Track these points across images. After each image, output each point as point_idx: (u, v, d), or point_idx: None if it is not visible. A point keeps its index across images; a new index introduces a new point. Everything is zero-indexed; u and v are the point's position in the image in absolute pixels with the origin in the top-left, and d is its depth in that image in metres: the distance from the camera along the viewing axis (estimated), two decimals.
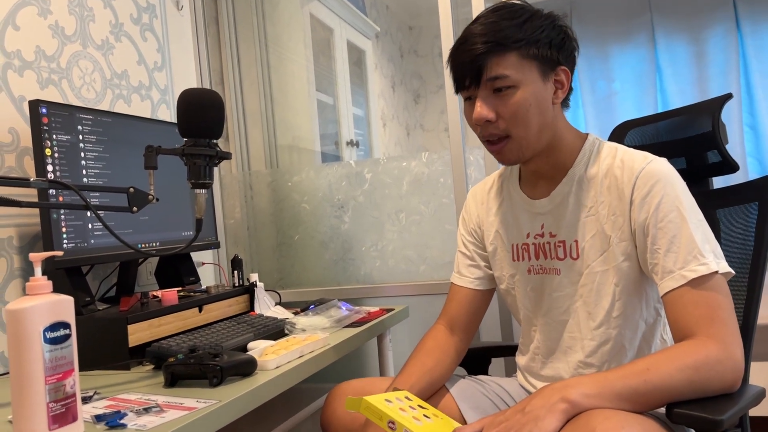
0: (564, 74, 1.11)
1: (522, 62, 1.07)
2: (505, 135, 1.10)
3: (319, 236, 2.14)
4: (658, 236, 1.03)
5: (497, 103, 1.08)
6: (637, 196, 1.06)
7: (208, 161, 1.14)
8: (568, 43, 1.12)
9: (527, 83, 1.07)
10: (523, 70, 1.07)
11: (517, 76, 1.07)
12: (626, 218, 1.08)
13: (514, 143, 1.10)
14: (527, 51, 1.07)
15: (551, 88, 1.11)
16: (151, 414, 0.93)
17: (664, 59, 3.81)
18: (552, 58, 1.09)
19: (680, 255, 1.01)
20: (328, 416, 1.24)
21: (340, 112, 3.07)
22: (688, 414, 0.88)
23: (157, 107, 1.96)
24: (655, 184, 1.05)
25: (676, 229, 1.02)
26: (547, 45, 1.08)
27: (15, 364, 0.84)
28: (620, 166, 1.10)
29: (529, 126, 1.09)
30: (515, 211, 1.24)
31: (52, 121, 1.36)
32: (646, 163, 1.07)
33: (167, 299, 1.42)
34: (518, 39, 1.06)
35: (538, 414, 0.88)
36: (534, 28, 1.08)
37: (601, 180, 1.12)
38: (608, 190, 1.11)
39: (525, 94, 1.07)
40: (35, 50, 1.54)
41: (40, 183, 1.03)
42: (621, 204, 1.09)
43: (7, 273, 1.41)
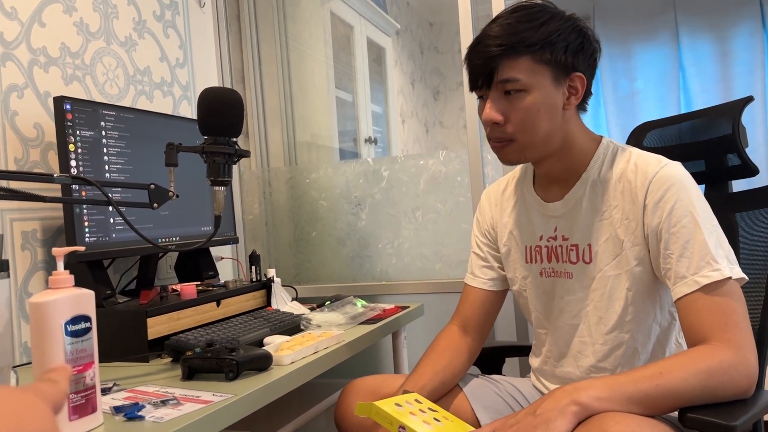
0: (579, 80, 1.10)
1: (535, 67, 1.07)
2: (510, 139, 1.10)
3: (336, 233, 2.15)
4: (671, 241, 1.02)
5: (507, 105, 1.08)
6: (651, 200, 1.06)
7: (227, 159, 1.16)
8: (588, 48, 1.10)
9: (538, 88, 1.07)
10: (535, 74, 1.07)
11: (528, 81, 1.07)
12: (639, 223, 1.08)
13: (517, 146, 1.11)
14: (541, 56, 1.06)
15: (564, 93, 1.10)
16: (168, 406, 0.95)
17: (687, 58, 3.76)
18: (567, 64, 1.08)
19: (693, 260, 1.00)
20: (342, 412, 1.25)
21: (359, 109, 3.08)
22: (701, 419, 0.88)
23: (178, 103, 1.98)
24: (668, 189, 1.04)
25: (689, 234, 1.01)
26: (562, 50, 1.07)
27: (37, 355, 0.86)
28: (634, 170, 1.09)
29: (536, 132, 1.09)
30: (529, 212, 1.25)
31: (76, 117, 1.39)
32: (660, 167, 1.07)
33: (186, 293, 1.44)
34: (532, 43, 1.06)
35: (549, 416, 0.88)
36: (550, 32, 1.06)
37: (615, 184, 1.11)
38: (622, 194, 1.10)
39: (535, 99, 1.07)
40: (60, 47, 1.57)
41: (64, 179, 1.05)
42: (634, 208, 1.08)
43: (31, 265, 1.45)
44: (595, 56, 1.13)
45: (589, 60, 1.11)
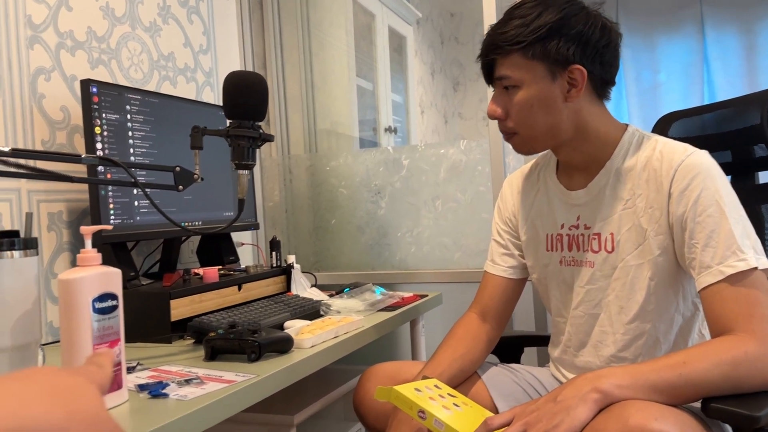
0: (578, 73, 1.08)
1: (526, 63, 1.08)
2: (513, 132, 1.14)
3: (356, 221, 2.16)
4: (696, 230, 1.02)
5: (506, 100, 1.13)
6: (676, 189, 1.05)
7: (251, 143, 1.16)
8: (592, 37, 1.08)
9: (530, 83, 1.09)
10: (528, 69, 1.09)
11: (518, 76, 1.09)
12: (664, 211, 1.07)
13: (521, 139, 1.15)
14: (530, 51, 1.07)
15: (562, 86, 1.09)
16: (192, 385, 0.96)
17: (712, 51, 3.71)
18: (561, 58, 1.07)
19: (718, 250, 0.99)
20: (361, 397, 1.26)
21: (379, 99, 3.08)
22: (725, 409, 0.87)
23: (201, 89, 2.00)
24: (694, 177, 1.03)
25: (714, 223, 1.00)
26: (555, 43, 1.06)
27: (65, 332, 0.87)
28: (659, 158, 1.08)
29: (534, 125, 1.12)
30: (551, 200, 1.24)
31: (102, 100, 1.40)
32: (686, 155, 1.06)
33: (208, 277, 1.45)
34: (519, 41, 1.07)
35: (570, 403, 0.88)
36: (541, 27, 1.06)
37: (639, 172, 1.10)
38: (646, 183, 1.09)
39: (527, 93, 1.10)
40: (87, 31, 1.59)
41: (91, 159, 1.07)
42: (659, 197, 1.07)
43: (56, 246, 1.47)
44: (604, 44, 1.09)
45: (594, 48, 1.08)
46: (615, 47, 1.12)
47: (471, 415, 1.01)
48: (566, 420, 0.86)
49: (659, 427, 0.81)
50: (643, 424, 0.81)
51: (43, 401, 0.33)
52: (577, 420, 0.86)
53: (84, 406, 0.35)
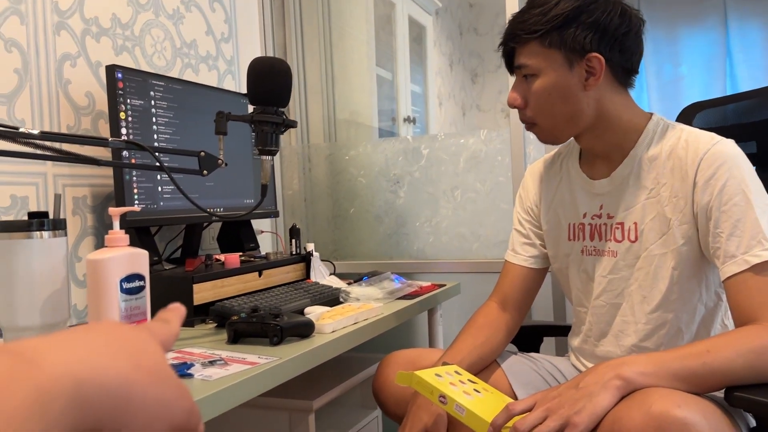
0: (596, 61, 1.07)
1: (543, 51, 1.09)
2: (533, 122, 1.15)
3: (374, 210, 2.16)
4: (722, 219, 1.01)
5: (525, 89, 1.14)
6: (701, 177, 1.04)
7: (275, 129, 1.17)
8: (610, 26, 1.07)
9: (548, 71, 1.10)
10: (545, 58, 1.09)
11: (536, 65, 1.10)
12: (688, 200, 1.06)
13: (541, 129, 1.16)
14: (547, 40, 1.08)
15: (580, 75, 1.09)
16: (216, 366, 0.97)
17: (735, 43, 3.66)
18: (578, 46, 1.07)
19: (744, 239, 0.98)
20: (380, 383, 1.27)
21: (399, 89, 3.08)
22: (748, 398, 0.87)
23: (223, 78, 2.01)
24: (720, 166, 1.02)
25: (740, 212, 0.99)
26: (572, 32, 1.07)
27: (93, 311, 0.89)
28: (684, 146, 1.08)
29: (552, 114, 1.12)
30: (573, 189, 1.24)
31: (127, 86, 1.42)
32: (712, 144, 1.05)
33: (230, 262, 1.47)
34: (536, 30, 1.08)
35: (592, 390, 0.88)
36: (558, 16, 1.07)
37: (664, 161, 1.10)
38: (671, 172, 1.09)
39: (544, 82, 1.10)
40: (111, 17, 1.60)
41: (118, 143, 1.08)
42: (684, 186, 1.07)
43: (81, 230, 1.49)
44: (624, 31, 1.08)
45: (612, 36, 1.08)
46: (636, 34, 1.11)
47: (492, 401, 1.02)
48: (588, 406, 0.86)
49: (682, 414, 0.80)
50: (665, 412, 0.81)
51: (110, 352, 0.34)
52: (599, 406, 0.86)
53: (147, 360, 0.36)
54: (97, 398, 0.31)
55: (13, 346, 0.31)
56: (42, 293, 0.91)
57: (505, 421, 0.91)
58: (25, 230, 0.90)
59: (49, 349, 0.31)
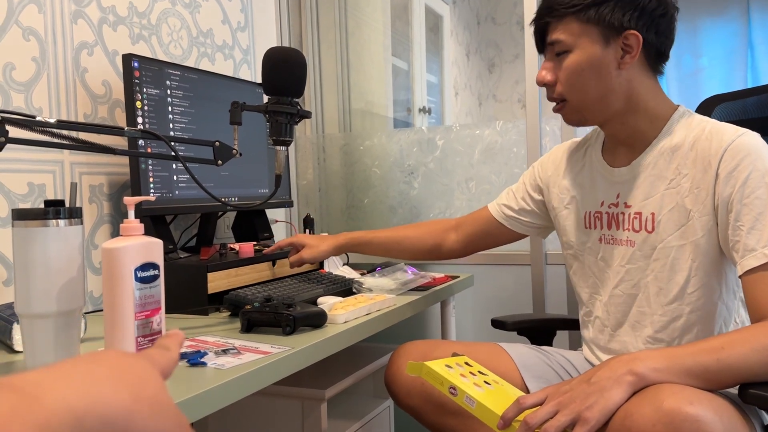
0: (633, 38, 1.07)
1: (580, 27, 1.09)
2: (562, 99, 1.14)
3: (389, 201, 2.16)
4: (743, 212, 1.00)
5: (557, 66, 1.13)
6: (724, 169, 1.03)
7: (289, 119, 1.17)
8: (651, 8, 1.08)
9: (582, 47, 1.09)
10: (580, 34, 1.09)
11: (570, 41, 1.09)
12: (710, 192, 1.05)
13: (571, 107, 1.14)
14: (585, 15, 1.07)
15: (616, 52, 1.08)
16: (229, 355, 0.98)
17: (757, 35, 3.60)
18: (616, 22, 1.07)
19: (764, 233, 0.97)
20: (393, 373, 1.28)
21: (414, 79, 3.06)
22: (763, 395, 0.86)
23: (239, 67, 2.01)
24: (744, 158, 1.01)
25: (762, 206, 0.98)
26: (610, 8, 1.07)
27: (108, 300, 0.90)
28: (708, 138, 1.07)
29: (585, 91, 1.11)
30: (593, 176, 1.23)
31: (143, 75, 1.42)
32: (737, 136, 1.04)
33: (244, 251, 1.48)
34: (574, 4, 1.08)
35: (605, 385, 0.88)
36: None
37: (687, 152, 1.09)
38: (693, 163, 1.07)
39: (578, 57, 1.09)
40: (128, 6, 1.61)
41: (134, 132, 1.09)
42: (705, 177, 1.05)
43: (97, 218, 1.50)
44: (661, 13, 1.09)
45: (650, 16, 1.08)
46: (671, 19, 1.11)
47: (502, 394, 1.02)
48: (600, 401, 0.86)
49: (694, 411, 0.80)
50: (677, 408, 0.80)
51: (111, 383, 0.34)
52: (611, 401, 0.86)
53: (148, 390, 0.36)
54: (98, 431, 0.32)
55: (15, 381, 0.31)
56: (58, 281, 0.92)
57: (516, 415, 0.91)
58: (41, 218, 0.90)
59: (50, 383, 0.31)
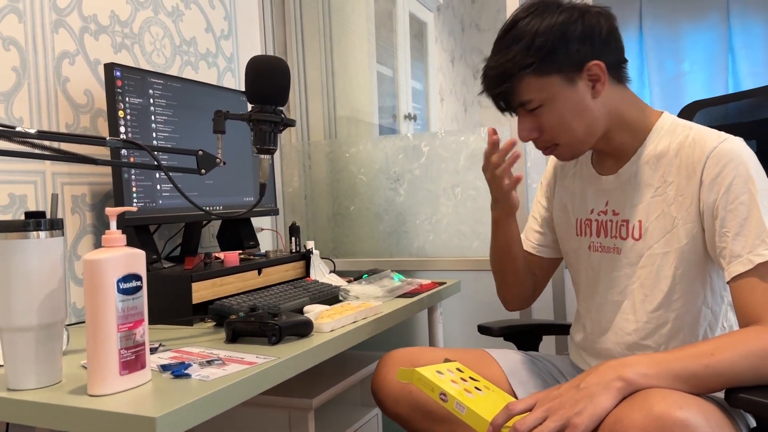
0: (596, 67, 1.07)
1: (541, 80, 1.07)
2: (554, 144, 1.14)
3: (374, 208, 2.16)
4: (728, 219, 1.00)
5: (535, 120, 1.12)
6: (707, 176, 1.03)
7: (273, 127, 1.17)
8: (594, 31, 1.07)
9: (554, 97, 1.08)
10: (545, 87, 1.08)
11: (541, 96, 1.08)
12: (694, 199, 1.06)
13: (563, 148, 1.15)
14: (542, 69, 1.06)
15: (585, 86, 1.09)
16: (213, 366, 0.97)
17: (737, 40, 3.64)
18: (574, 62, 1.07)
19: (749, 239, 0.98)
20: (379, 381, 1.27)
21: (399, 85, 3.07)
22: (749, 399, 0.86)
23: (222, 75, 2.00)
24: (726, 164, 1.02)
25: (747, 211, 0.99)
26: (563, 53, 1.06)
27: (90, 311, 0.89)
28: (691, 144, 1.07)
29: (572, 131, 1.11)
30: (583, 185, 1.24)
31: (126, 84, 1.41)
32: (719, 142, 1.04)
33: (229, 260, 1.47)
34: (528, 64, 1.06)
35: (593, 391, 0.87)
36: (543, 44, 1.05)
37: (671, 159, 1.09)
38: (678, 171, 1.08)
39: (555, 108, 1.09)
40: (110, 15, 1.60)
41: (116, 142, 1.08)
42: (690, 184, 1.06)
43: (80, 228, 1.49)
44: (607, 31, 1.09)
45: (599, 41, 1.08)
46: (615, 30, 1.11)
47: (492, 400, 1.02)
48: (589, 407, 0.86)
49: (683, 415, 0.80)
50: (667, 413, 0.80)
51: None
52: (599, 407, 0.85)
53: None
54: None
55: None
56: (39, 293, 0.91)
57: (505, 421, 0.91)
58: (21, 230, 0.89)
59: None
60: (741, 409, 0.90)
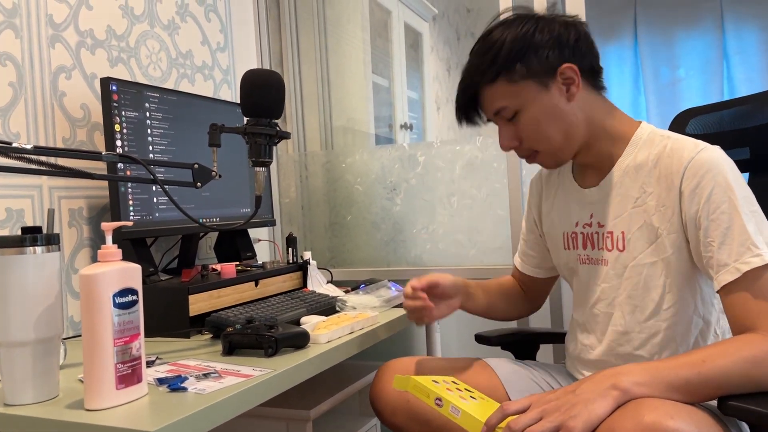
0: (569, 70, 1.09)
1: (514, 87, 1.10)
2: (534, 151, 1.15)
3: (371, 217, 2.16)
4: (711, 228, 1.01)
5: (513, 129, 1.14)
6: (687, 186, 1.04)
7: (268, 140, 1.17)
8: (564, 36, 1.09)
9: (528, 102, 1.10)
10: (518, 92, 1.10)
11: (514, 103, 1.11)
12: (675, 210, 1.06)
13: (543, 155, 1.16)
14: (511, 76, 1.09)
15: (559, 89, 1.10)
16: (210, 379, 0.97)
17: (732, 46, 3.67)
18: (546, 67, 1.08)
19: (733, 247, 0.98)
20: (378, 391, 1.27)
21: (395, 95, 3.08)
22: (742, 407, 0.87)
23: (219, 87, 2.01)
24: (704, 175, 1.02)
25: (729, 220, 0.99)
26: (533, 56, 1.08)
27: (87, 326, 0.89)
28: (669, 155, 1.07)
29: (550, 137, 1.12)
30: (567, 198, 1.25)
31: (122, 98, 1.42)
32: (696, 152, 1.04)
33: (226, 272, 1.47)
34: (498, 70, 1.09)
35: (589, 397, 0.87)
36: (509, 51, 1.08)
37: (650, 170, 1.10)
38: (657, 181, 1.09)
39: (531, 113, 1.11)
40: (106, 29, 1.61)
41: (112, 156, 1.08)
42: (670, 195, 1.06)
43: (77, 242, 1.49)
44: (575, 38, 1.10)
45: (568, 45, 1.10)
46: (586, 36, 1.13)
47: (487, 407, 1.02)
48: (584, 413, 0.85)
49: (675, 425, 0.80)
50: (658, 422, 0.80)
51: None
52: (594, 414, 0.85)
53: None
54: None
55: None
56: (36, 308, 0.91)
57: (499, 421, 0.91)
58: (18, 246, 0.90)
59: None
60: (733, 417, 0.90)
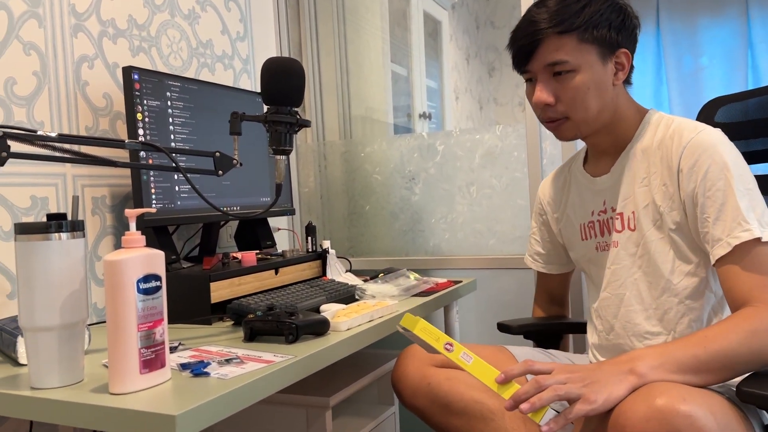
0: (624, 56, 1.14)
1: (581, 46, 1.10)
2: (563, 117, 1.15)
3: (390, 207, 2.16)
4: (707, 205, 1.04)
5: (557, 86, 1.13)
6: (685, 165, 1.08)
7: (289, 128, 1.18)
8: (629, 24, 1.14)
9: (586, 67, 1.11)
10: (583, 53, 1.10)
11: (576, 61, 1.10)
12: (675, 188, 1.10)
13: (572, 124, 1.16)
14: (586, 35, 1.10)
15: (611, 70, 1.14)
16: (232, 365, 0.98)
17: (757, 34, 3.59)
18: (611, 41, 1.11)
19: (728, 223, 1.02)
20: (399, 374, 1.28)
21: (414, 84, 3.07)
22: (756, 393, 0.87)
23: (239, 76, 2.02)
24: (701, 154, 1.06)
25: (723, 197, 1.03)
26: (606, 27, 1.10)
27: (111, 311, 0.90)
28: (671, 137, 1.11)
29: (587, 109, 1.13)
30: (581, 191, 1.29)
31: (144, 87, 1.43)
32: (696, 133, 1.08)
33: (247, 260, 1.48)
34: (578, 25, 1.09)
35: (609, 379, 0.90)
36: (593, 13, 1.10)
37: (654, 151, 1.14)
38: (660, 161, 1.12)
39: (584, 78, 1.11)
40: (128, 19, 1.62)
41: (135, 144, 1.09)
42: (670, 174, 1.10)
43: (100, 229, 1.51)
44: (636, 32, 1.16)
45: (631, 36, 1.15)
46: (636, 32, 1.18)
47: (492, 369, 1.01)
48: (604, 390, 0.88)
49: (687, 408, 0.81)
50: (670, 405, 0.81)
51: None
52: (613, 395, 0.88)
53: None
54: None
55: None
56: (61, 294, 0.93)
57: (521, 373, 0.93)
58: (43, 232, 0.91)
59: None
60: (750, 403, 0.90)
